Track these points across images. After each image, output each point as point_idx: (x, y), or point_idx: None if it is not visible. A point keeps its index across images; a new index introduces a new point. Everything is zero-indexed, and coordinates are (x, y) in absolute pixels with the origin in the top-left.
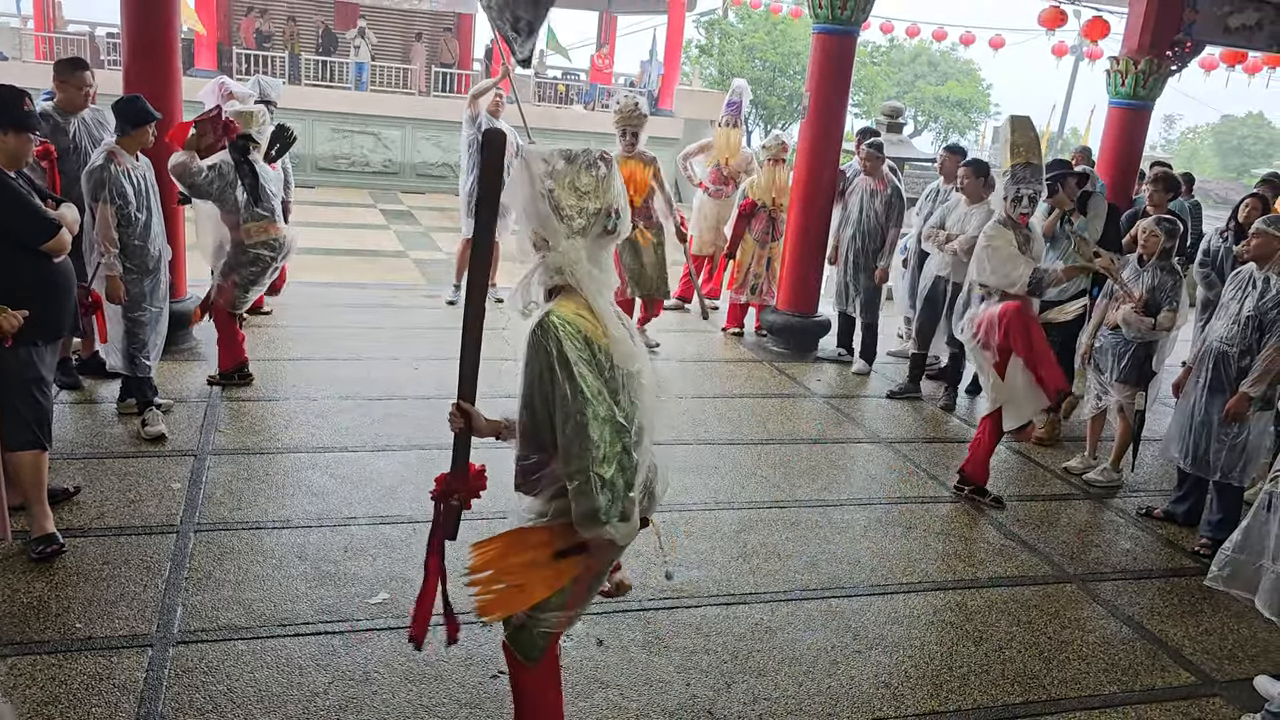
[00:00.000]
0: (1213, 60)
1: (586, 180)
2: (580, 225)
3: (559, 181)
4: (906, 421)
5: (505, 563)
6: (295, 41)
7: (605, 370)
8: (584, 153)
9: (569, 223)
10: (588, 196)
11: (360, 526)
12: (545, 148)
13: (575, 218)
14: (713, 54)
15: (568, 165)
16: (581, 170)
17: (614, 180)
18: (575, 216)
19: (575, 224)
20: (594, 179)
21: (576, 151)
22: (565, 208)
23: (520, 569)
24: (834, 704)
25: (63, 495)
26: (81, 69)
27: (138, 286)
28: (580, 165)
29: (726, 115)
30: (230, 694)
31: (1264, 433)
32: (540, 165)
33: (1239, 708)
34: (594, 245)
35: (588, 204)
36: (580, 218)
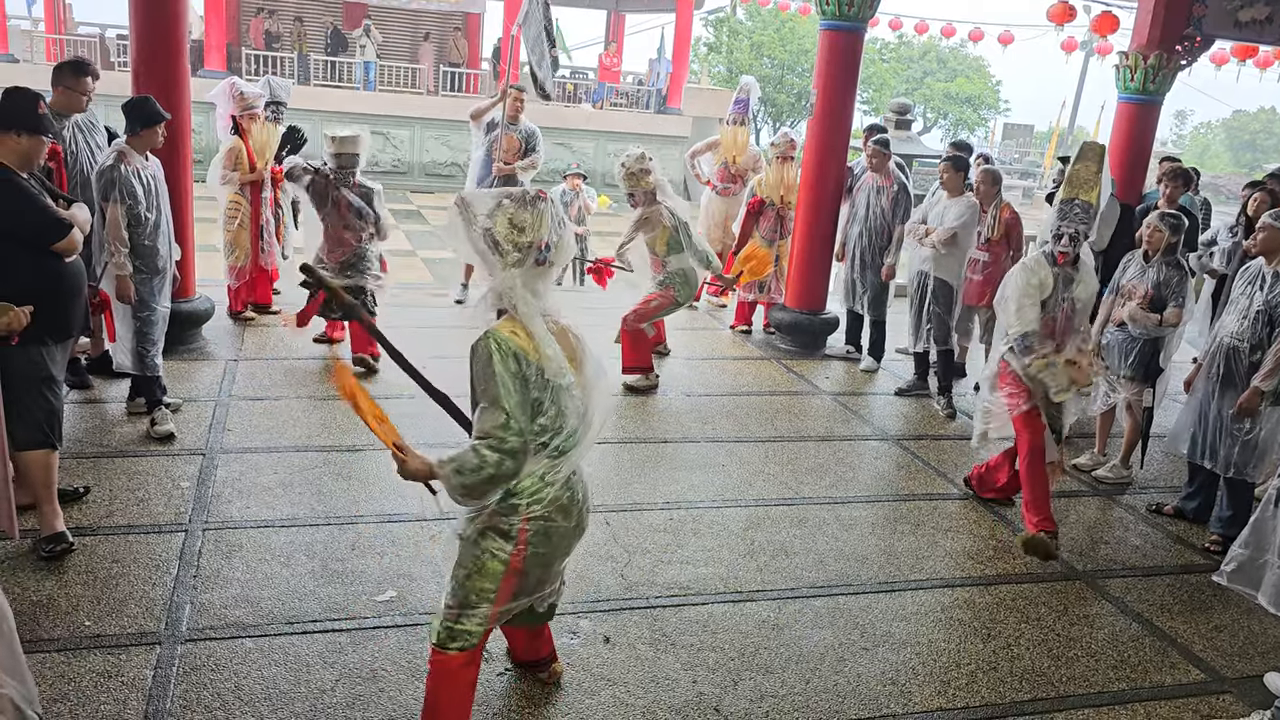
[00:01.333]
0: (1224, 55)
1: (523, 217)
2: (515, 258)
3: (498, 219)
4: (914, 418)
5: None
6: (304, 42)
7: (533, 382)
8: (522, 192)
9: (505, 256)
10: (524, 231)
11: (367, 524)
12: (481, 191)
13: (511, 251)
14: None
15: (507, 203)
16: (518, 208)
17: (548, 217)
18: (511, 250)
19: (510, 257)
20: (531, 215)
21: (515, 191)
22: (502, 243)
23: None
24: (841, 701)
25: (72, 496)
26: (84, 74)
27: (147, 286)
28: (518, 203)
29: (734, 113)
30: (238, 691)
31: (1275, 428)
32: (482, 205)
33: (1249, 704)
34: (529, 275)
35: (522, 238)
36: (515, 251)
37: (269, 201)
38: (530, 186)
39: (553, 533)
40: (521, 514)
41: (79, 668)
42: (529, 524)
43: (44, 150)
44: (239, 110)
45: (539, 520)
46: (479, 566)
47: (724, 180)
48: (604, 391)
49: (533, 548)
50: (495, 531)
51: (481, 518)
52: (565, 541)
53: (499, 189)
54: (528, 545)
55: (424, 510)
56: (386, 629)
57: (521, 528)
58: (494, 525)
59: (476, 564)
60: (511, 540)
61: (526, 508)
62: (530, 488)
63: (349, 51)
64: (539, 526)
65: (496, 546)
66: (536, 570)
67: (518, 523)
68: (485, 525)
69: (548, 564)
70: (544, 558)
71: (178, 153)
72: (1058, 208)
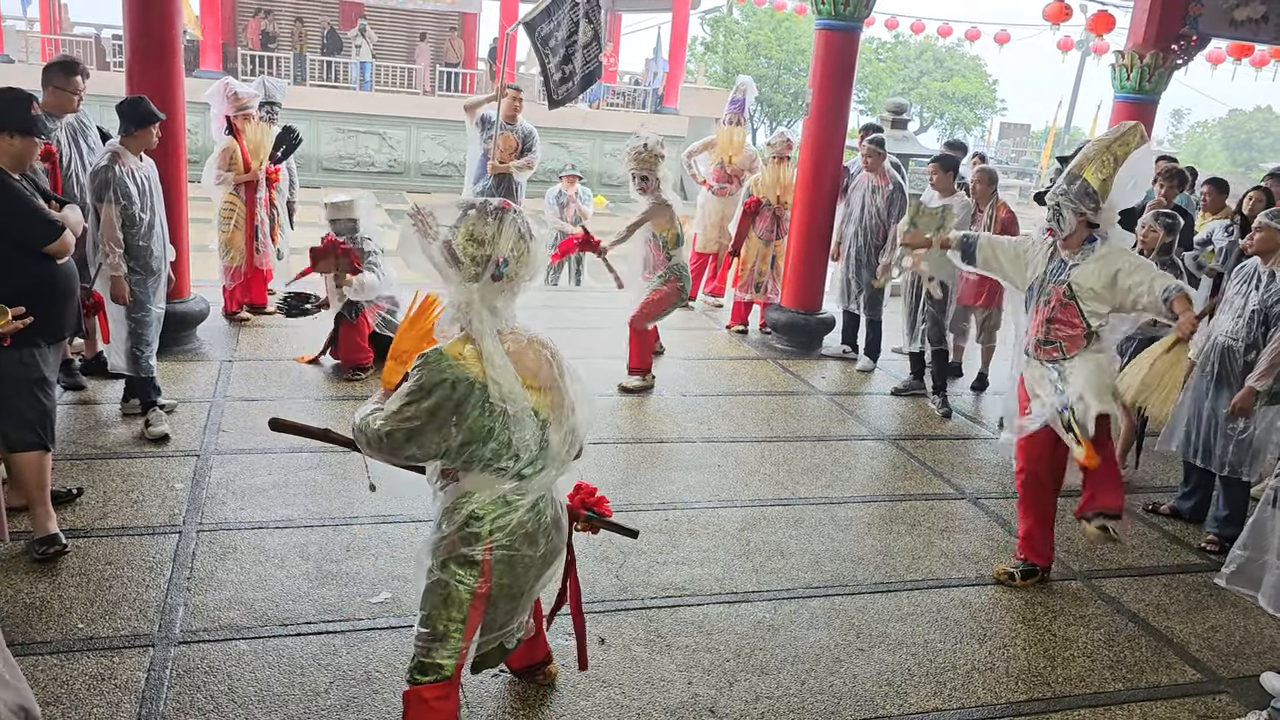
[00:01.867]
0: (1220, 54)
1: (482, 229)
2: (473, 272)
3: (459, 230)
4: (911, 418)
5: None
6: (302, 42)
7: (473, 404)
8: (483, 202)
9: (462, 270)
10: (482, 245)
11: (362, 525)
12: (442, 201)
13: (468, 265)
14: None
15: (471, 214)
16: (479, 220)
17: (508, 231)
18: (468, 264)
19: (468, 271)
20: (491, 228)
21: (475, 202)
22: (460, 256)
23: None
24: (837, 702)
25: (66, 497)
26: (74, 73)
27: (141, 287)
28: (479, 214)
29: (730, 113)
30: (231, 694)
31: (1270, 427)
32: (445, 215)
33: (1246, 705)
34: (487, 290)
35: (480, 252)
36: (473, 265)
37: (264, 202)
38: (524, 189)
39: (517, 562)
40: (484, 542)
41: (72, 670)
42: (492, 553)
43: (36, 151)
44: (233, 111)
45: (502, 549)
46: (445, 596)
47: (720, 180)
48: (577, 412)
49: (497, 577)
50: (459, 560)
51: (445, 546)
52: (530, 571)
53: (462, 199)
54: (492, 575)
55: (419, 512)
56: (381, 631)
57: (485, 558)
58: (457, 555)
59: (443, 594)
60: (476, 569)
61: (489, 535)
62: (493, 513)
63: (344, 52)
64: (502, 556)
65: (461, 574)
66: (503, 602)
67: (480, 551)
68: (449, 555)
69: (514, 595)
70: (509, 589)
71: (172, 153)
72: (1062, 175)
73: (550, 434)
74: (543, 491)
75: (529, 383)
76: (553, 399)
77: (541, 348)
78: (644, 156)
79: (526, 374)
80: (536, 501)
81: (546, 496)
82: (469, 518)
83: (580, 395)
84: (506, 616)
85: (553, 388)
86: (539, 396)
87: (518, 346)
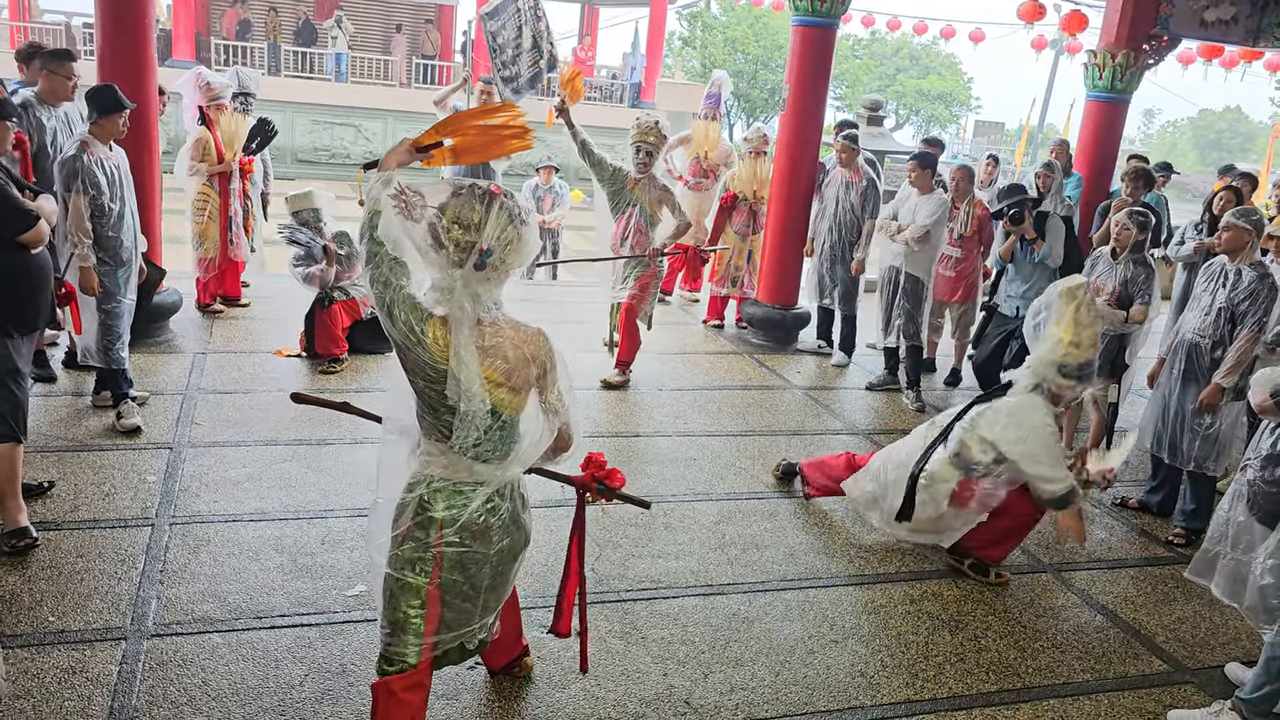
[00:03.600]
0: (1190, 54)
1: (469, 215)
2: (457, 258)
3: (446, 211)
4: (885, 413)
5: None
6: (277, 33)
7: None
8: (473, 185)
9: (447, 254)
10: (467, 230)
11: (338, 519)
12: (431, 182)
13: (453, 250)
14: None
15: (461, 195)
16: (467, 203)
17: (495, 219)
18: (453, 249)
19: (452, 256)
20: (479, 213)
21: (466, 183)
22: (446, 240)
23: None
24: (810, 693)
25: (37, 490)
26: (68, 59)
27: (112, 278)
28: (468, 197)
29: (705, 108)
30: (205, 687)
31: (1236, 423)
32: (433, 195)
33: (1210, 694)
34: (470, 277)
35: (465, 237)
36: (457, 250)
37: (238, 193)
38: (500, 179)
39: (468, 560)
40: (435, 536)
41: (43, 664)
42: (443, 548)
43: (10, 136)
44: (206, 101)
45: (452, 546)
46: (402, 585)
47: (696, 175)
48: (561, 413)
49: (447, 572)
50: (413, 549)
51: (397, 537)
52: (484, 569)
53: (451, 179)
54: (442, 569)
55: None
56: (356, 624)
57: (436, 554)
58: (410, 548)
59: (399, 583)
60: (427, 562)
61: (439, 529)
62: (443, 504)
63: (320, 43)
64: (453, 553)
65: (416, 562)
66: (457, 600)
67: (432, 547)
68: (402, 543)
69: (467, 595)
70: (460, 586)
71: (145, 143)
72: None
73: (519, 433)
74: (499, 485)
75: (498, 380)
76: (524, 401)
77: (525, 344)
78: (655, 132)
79: (498, 373)
80: (492, 495)
81: (505, 490)
82: (421, 504)
83: (570, 403)
84: (464, 616)
85: (524, 389)
86: (508, 396)
87: (497, 340)
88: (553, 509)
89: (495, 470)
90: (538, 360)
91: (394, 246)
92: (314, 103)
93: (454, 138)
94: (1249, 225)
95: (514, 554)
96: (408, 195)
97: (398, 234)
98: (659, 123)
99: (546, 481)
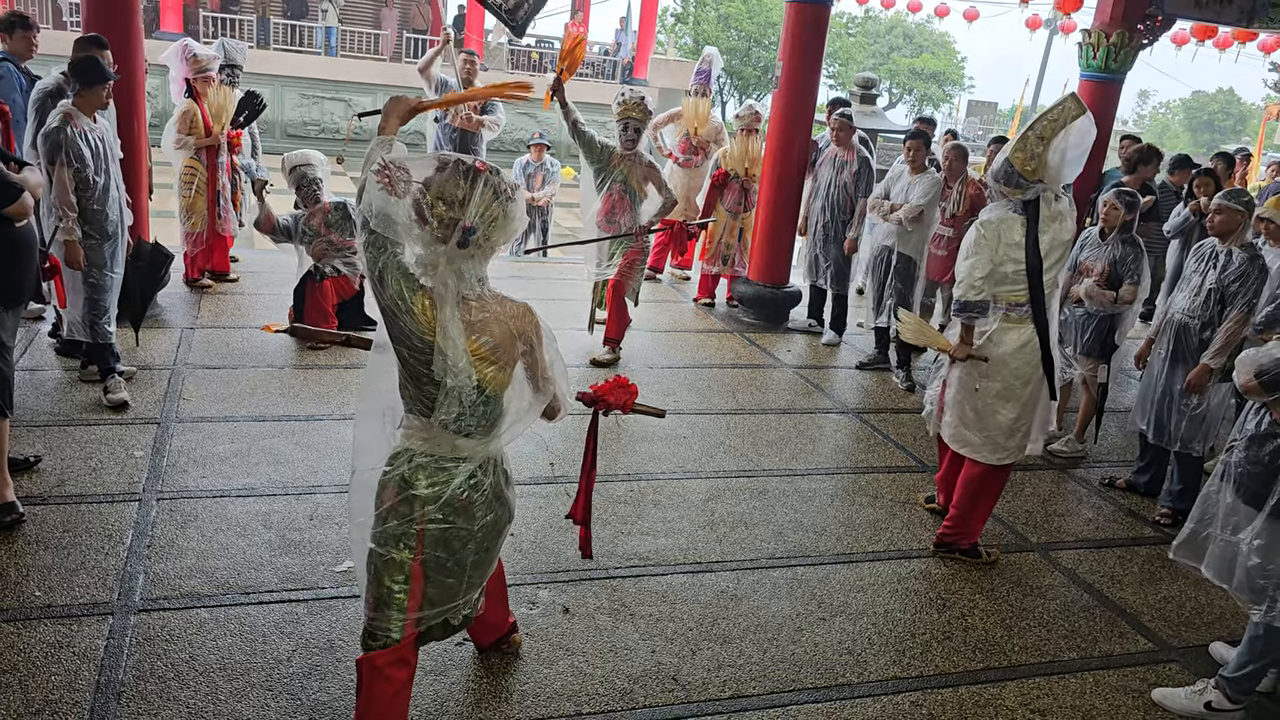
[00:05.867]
0: (1184, 35)
1: (453, 190)
2: (441, 234)
3: (431, 187)
4: (875, 392)
5: None
6: (266, 5)
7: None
8: (457, 160)
9: (430, 230)
10: (451, 206)
11: (325, 494)
12: (416, 155)
13: (436, 225)
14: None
15: (445, 171)
16: (452, 179)
17: (479, 196)
18: (436, 224)
19: (436, 231)
20: (463, 189)
21: (451, 158)
22: (429, 216)
23: None
24: (798, 670)
25: (24, 464)
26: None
27: (97, 252)
28: (453, 173)
29: (696, 84)
30: (192, 662)
31: (1223, 404)
32: (417, 170)
33: (1194, 673)
34: (454, 254)
35: (449, 214)
36: (440, 226)
37: (225, 167)
38: (484, 154)
39: (452, 536)
40: (417, 515)
41: (29, 638)
42: (426, 526)
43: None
44: (192, 73)
45: (435, 523)
46: (385, 560)
47: (685, 152)
48: (546, 388)
49: (430, 549)
50: (396, 525)
51: (383, 509)
52: (468, 546)
53: (436, 153)
54: (424, 547)
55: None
56: (344, 599)
57: (419, 530)
58: (394, 525)
59: (383, 559)
60: (411, 539)
61: (422, 506)
62: (426, 482)
63: (310, 16)
64: (435, 530)
65: (400, 538)
66: (441, 576)
67: (414, 525)
68: (386, 519)
69: (450, 571)
70: (443, 563)
71: (132, 116)
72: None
73: (503, 408)
74: (481, 460)
75: (484, 355)
76: (509, 377)
77: (512, 319)
78: (641, 107)
79: (484, 349)
80: (475, 471)
81: (488, 465)
82: (404, 481)
83: (559, 369)
84: (448, 592)
85: (510, 365)
86: (493, 372)
87: (483, 315)
88: (540, 485)
89: (477, 445)
90: (524, 335)
91: (379, 222)
92: (303, 76)
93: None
94: (1240, 207)
95: (498, 530)
96: (392, 171)
97: (381, 208)
98: (644, 98)
99: (531, 458)
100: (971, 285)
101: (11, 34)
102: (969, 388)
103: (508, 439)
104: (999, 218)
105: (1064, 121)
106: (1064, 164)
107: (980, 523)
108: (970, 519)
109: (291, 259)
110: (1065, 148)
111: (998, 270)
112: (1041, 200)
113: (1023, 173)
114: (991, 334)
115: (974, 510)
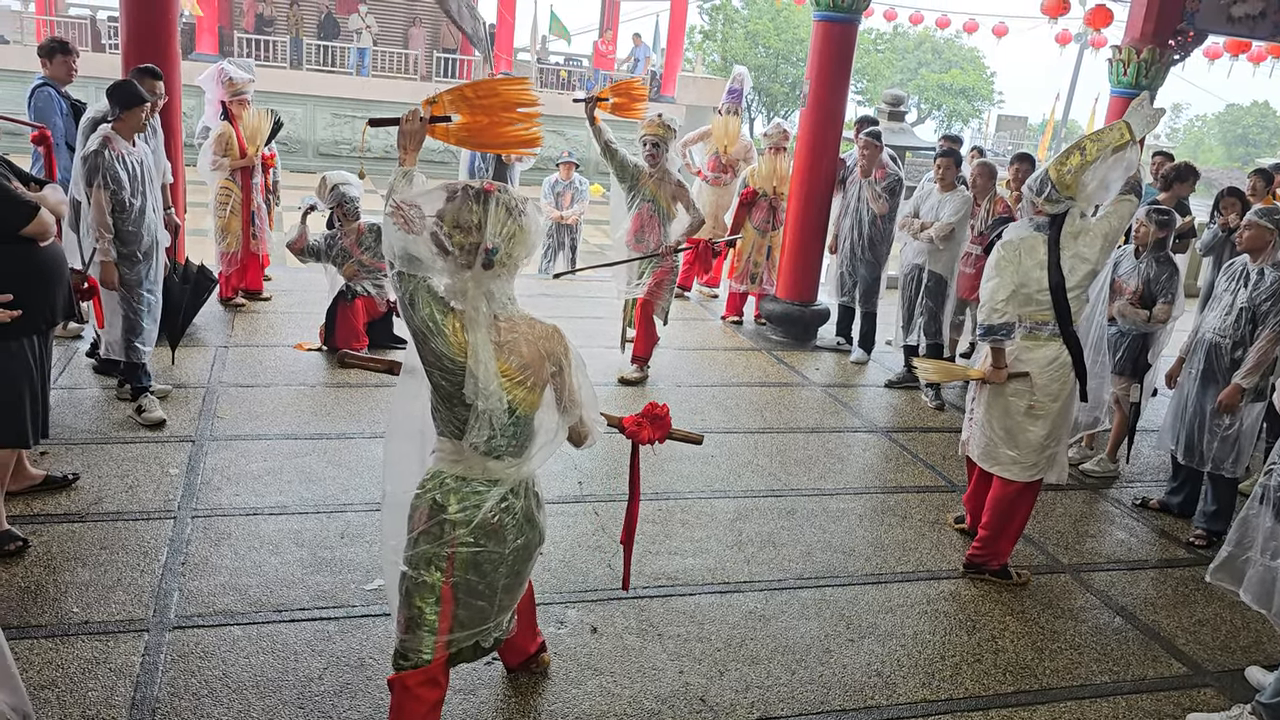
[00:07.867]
0: (1217, 49)
1: (466, 216)
2: (465, 260)
3: (445, 218)
4: (904, 411)
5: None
6: (299, 26)
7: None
8: (464, 186)
9: (454, 259)
10: (468, 232)
11: (356, 513)
12: (421, 190)
13: (458, 254)
14: (716, 40)
15: (456, 200)
16: (463, 205)
17: (493, 215)
18: (458, 253)
19: (460, 259)
20: (477, 213)
21: (457, 185)
22: (450, 245)
23: None
24: (826, 692)
25: (62, 482)
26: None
27: (133, 272)
28: (463, 199)
29: (727, 103)
30: (225, 679)
31: (1255, 424)
32: (428, 204)
33: (1230, 698)
34: (480, 277)
35: (467, 240)
36: (463, 253)
37: (260, 188)
38: (517, 176)
39: (483, 560)
40: (449, 538)
41: (66, 655)
42: (457, 549)
43: None
44: (228, 95)
45: (466, 546)
46: (417, 582)
47: (715, 170)
48: (572, 411)
49: (461, 573)
50: (428, 548)
51: (416, 532)
52: (500, 569)
53: (443, 183)
54: (455, 570)
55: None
56: (375, 618)
57: (450, 553)
58: (426, 547)
59: (415, 580)
60: (443, 562)
61: (454, 529)
62: (457, 505)
63: (343, 37)
64: (467, 554)
65: (432, 560)
66: (472, 599)
67: (446, 548)
68: (418, 541)
69: (482, 594)
70: (475, 586)
71: (169, 137)
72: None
73: (534, 430)
74: (513, 483)
75: (514, 376)
76: (540, 398)
77: (541, 340)
78: (659, 124)
79: (514, 370)
80: (506, 494)
81: (519, 488)
82: (435, 506)
83: (588, 395)
84: (479, 615)
85: (540, 386)
86: (524, 393)
87: (512, 336)
88: (569, 504)
89: (509, 468)
90: (553, 356)
91: (404, 262)
92: (335, 96)
93: (463, 115)
94: (1271, 224)
95: (529, 553)
96: (405, 210)
97: (404, 248)
98: (662, 115)
99: (560, 477)
100: (994, 309)
101: (52, 59)
102: (1001, 406)
103: (539, 461)
104: (1020, 237)
105: (1111, 146)
106: (1100, 188)
107: (1010, 544)
108: (1000, 539)
109: (323, 278)
110: (1105, 173)
111: (1021, 291)
112: (1067, 217)
113: (1058, 185)
114: (1019, 353)
115: (1004, 531)
